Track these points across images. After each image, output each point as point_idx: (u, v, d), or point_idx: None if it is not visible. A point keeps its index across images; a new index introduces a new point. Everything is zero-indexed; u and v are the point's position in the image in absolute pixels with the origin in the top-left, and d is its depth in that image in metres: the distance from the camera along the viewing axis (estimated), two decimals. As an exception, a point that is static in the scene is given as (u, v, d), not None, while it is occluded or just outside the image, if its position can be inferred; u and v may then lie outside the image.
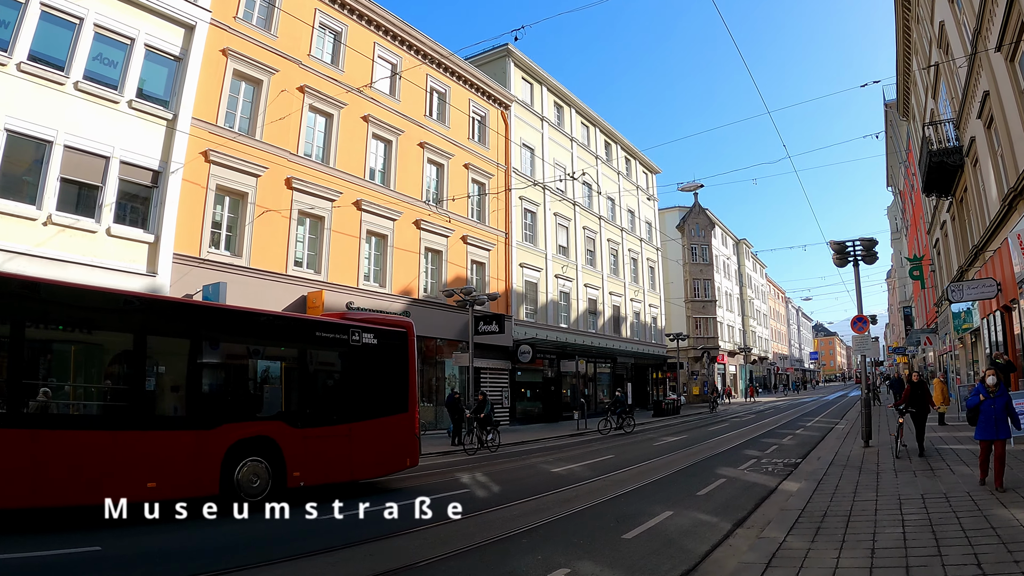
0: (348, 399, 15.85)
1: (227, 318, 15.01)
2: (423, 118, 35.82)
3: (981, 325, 26.82)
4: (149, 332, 12.76)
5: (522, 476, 17.83)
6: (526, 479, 17.11)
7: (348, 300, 29.02)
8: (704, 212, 79.60)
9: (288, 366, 15.35)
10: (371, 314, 20.99)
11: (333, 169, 30.06)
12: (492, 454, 24.18)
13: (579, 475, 17.12)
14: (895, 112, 49.32)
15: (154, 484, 11.81)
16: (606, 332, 52.37)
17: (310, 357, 15.60)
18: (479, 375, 36.58)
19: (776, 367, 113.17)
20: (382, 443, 16.27)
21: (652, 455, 21.46)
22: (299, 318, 16.34)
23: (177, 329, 13.49)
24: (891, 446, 17.01)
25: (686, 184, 30.72)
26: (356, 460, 15.44)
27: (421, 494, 12.13)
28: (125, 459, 11.76)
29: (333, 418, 15.40)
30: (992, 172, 22.02)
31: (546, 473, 18.19)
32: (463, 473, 18.45)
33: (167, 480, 12.05)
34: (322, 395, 15.83)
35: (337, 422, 15.35)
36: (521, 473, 18.51)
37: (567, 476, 17.33)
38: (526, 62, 45.33)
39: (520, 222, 42.75)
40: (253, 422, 13.96)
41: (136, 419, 12.16)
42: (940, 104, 29.83)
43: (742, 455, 20.43)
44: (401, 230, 33.22)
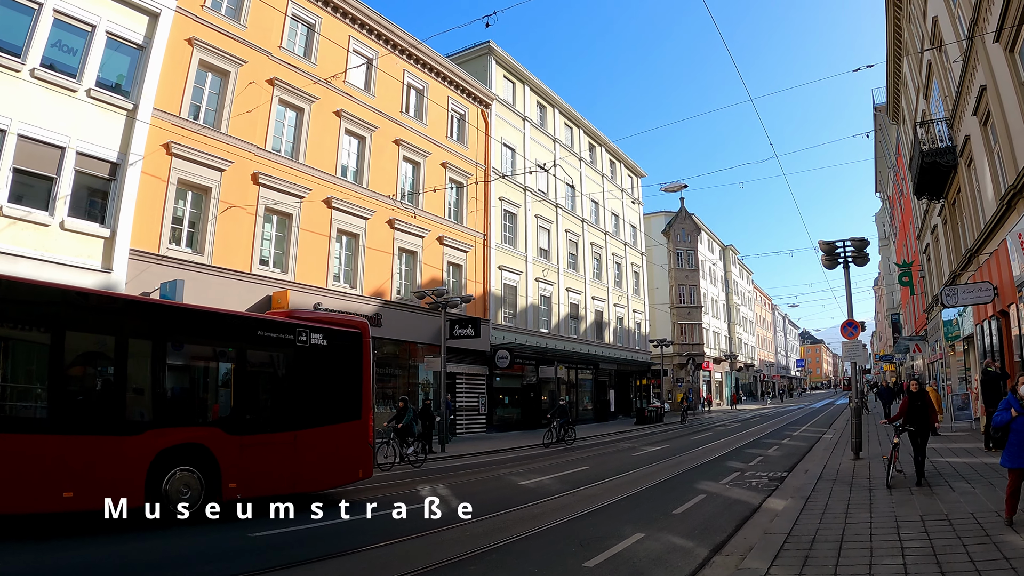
0: (293, 404, 14.58)
1: (154, 313, 13.60)
2: (399, 115, 34.66)
3: (975, 331, 25.70)
4: (64, 327, 11.48)
5: (487, 489, 16.59)
6: (490, 493, 15.86)
7: (316, 301, 27.92)
8: (690, 217, 78.53)
9: (225, 368, 14.07)
10: (323, 313, 19.70)
11: (303, 165, 28.92)
12: (451, 464, 22.87)
13: (548, 489, 15.88)
14: (884, 116, 48.46)
15: (70, 494, 10.70)
16: (588, 338, 51.18)
17: (250, 358, 14.33)
18: (455, 381, 35.46)
19: (762, 374, 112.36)
20: (331, 453, 15.00)
21: (629, 467, 20.22)
22: (238, 315, 14.99)
23: (96, 324, 12.25)
24: (884, 471, 14.60)
25: (670, 184, 29.38)
26: (302, 471, 14.12)
27: (363, 509, 11.70)
28: (34, 466, 10.57)
29: (276, 425, 14.15)
30: (988, 171, 21.01)
31: (513, 486, 16.96)
32: (425, 485, 17.23)
33: (85, 490, 10.85)
34: (264, 400, 14.58)
35: (280, 429, 14.09)
36: (487, 486, 17.28)
37: (535, 490, 16.10)
38: (508, 60, 44.17)
39: (500, 223, 41.53)
40: (184, 428, 12.73)
41: (48, 422, 10.96)
42: (932, 104, 28.89)
43: (724, 467, 19.21)
44: (374, 229, 32.04)
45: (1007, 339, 20.78)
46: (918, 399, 14.58)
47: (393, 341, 32.59)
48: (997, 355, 21.12)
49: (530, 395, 42.62)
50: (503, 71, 44.35)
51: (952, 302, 21.68)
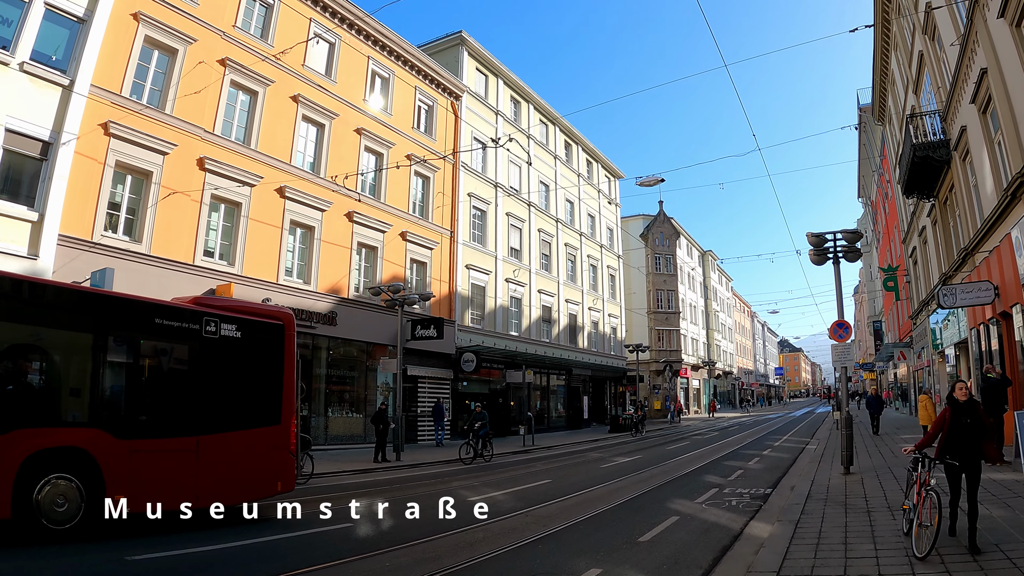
0: (198, 405, 12.52)
1: (22, 292, 11.29)
2: (362, 103, 32.89)
3: (968, 336, 24.02)
4: None
5: (429, 505, 14.55)
6: (431, 510, 13.83)
7: (265, 296, 25.94)
8: (669, 221, 76.97)
9: (113, 360, 11.81)
10: (238, 301, 17.41)
11: (254, 151, 27.20)
12: (404, 475, 20.86)
13: (499, 507, 13.86)
14: (869, 118, 47.08)
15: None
16: (561, 342, 49.32)
17: (145, 349, 12.21)
18: (416, 385, 33.56)
19: (741, 382, 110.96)
20: (243, 462, 12.91)
21: (596, 481, 18.22)
22: (130, 299, 12.63)
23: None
24: (901, 522, 9.78)
25: (646, 178, 27.55)
26: (205, 482, 12.02)
27: (282, 528, 11.05)
28: None
29: (175, 428, 12.07)
30: (987, 162, 19.43)
31: (460, 503, 14.94)
32: (362, 499, 15.20)
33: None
34: (161, 399, 12.43)
35: (181, 434, 12.03)
36: (431, 501, 15.24)
37: (483, 508, 14.13)
38: (481, 52, 42.35)
39: (468, 220, 39.62)
40: (60, 429, 10.71)
41: None
42: (923, 99, 27.46)
43: (701, 482, 17.21)
44: (331, 222, 30.21)
45: (1008, 343, 19.12)
46: (967, 413, 8.92)
47: (350, 341, 30.77)
48: (996, 361, 19.48)
49: (498, 401, 40.61)
50: (475, 63, 42.54)
51: (949, 303, 19.91)
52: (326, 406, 29.66)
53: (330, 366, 30.20)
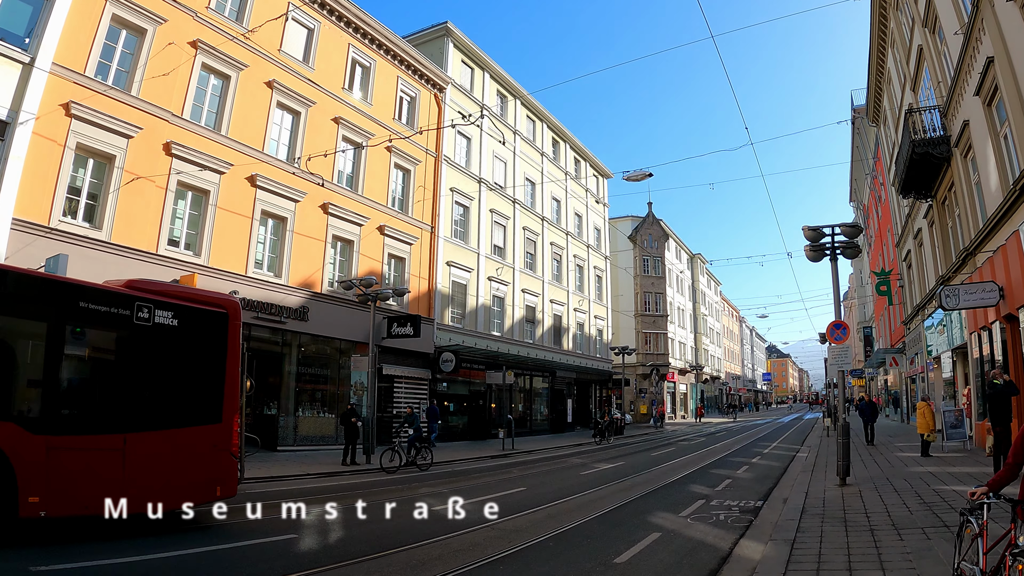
0: (127, 399, 11.19)
1: None
2: (340, 91, 31.75)
3: (968, 341, 22.90)
4: None
5: (385, 517, 13.32)
6: (385, 522, 12.56)
7: (232, 288, 24.64)
8: (658, 223, 75.89)
9: (31, 346, 10.51)
10: (178, 287, 15.91)
11: (225, 137, 26.06)
12: (371, 479, 19.58)
13: (462, 520, 12.53)
14: (863, 120, 46.21)
15: None
16: (545, 343, 48.09)
17: (69, 336, 10.77)
18: (392, 385, 32.32)
19: (728, 387, 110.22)
20: (178, 463, 11.57)
21: (573, 489, 16.91)
22: (49, 279, 11.19)
23: None
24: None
25: (633, 172, 26.41)
26: (134, 485, 10.62)
27: (214, 539, 10.17)
28: None
29: (100, 424, 10.73)
30: (992, 157, 18.36)
31: (422, 513, 13.74)
32: (316, 505, 13.97)
33: None
34: (84, 391, 11.12)
35: (106, 430, 10.68)
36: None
37: (446, 519, 12.88)
38: (467, 44, 41.15)
39: (450, 216, 38.38)
40: (-38, 422, 9.35)
41: None
42: (921, 96, 26.51)
43: (686, 493, 15.97)
44: (305, 213, 29.03)
45: (1014, 347, 17.98)
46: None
47: (323, 338, 29.55)
48: (1000, 366, 18.33)
49: (479, 403, 39.38)
50: (461, 55, 41.37)
51: (952, 304, 18.74)
52: (296, 405, 28.40)
53: (301, 364, 28.96)
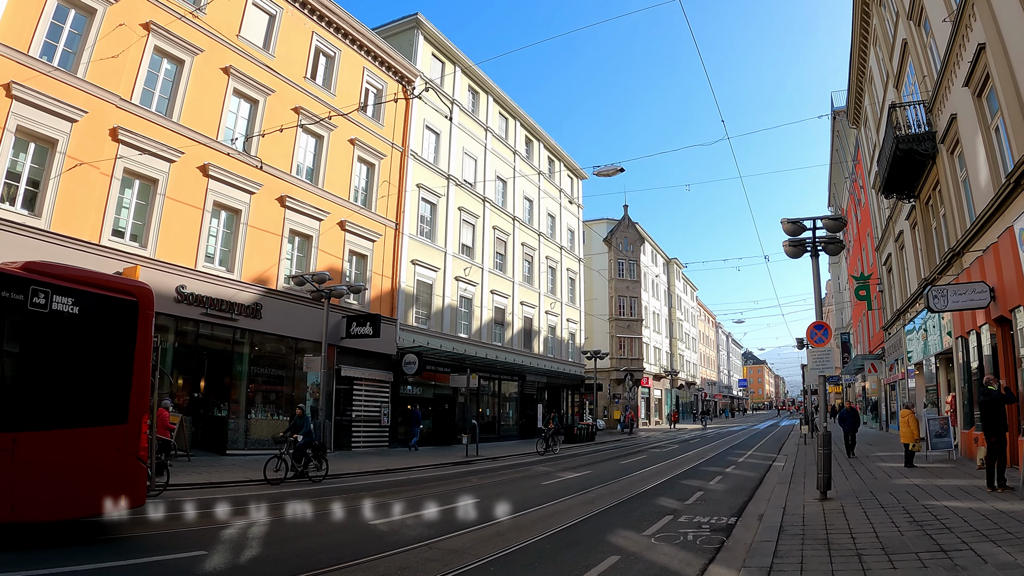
0: (16, 394, 9.84)
1: None
2: (303, 80, 30.38)
3: (954, 345, 21.78)
4: None
5: (313, 532, 11.92)
6: (310, 538, 11.19)
7: (179, 283, 23.86)
8: (634, 226, 74.77)
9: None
10: (86, 272, 14.32)
11: (176, 124, 24.69)
12: (314, 488, 18.16)
13: (400, 536, 11.26)
14: (844, 122, 45.40)
15: None
16: (515, 346, 46.71)
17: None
18: (352, 387, 30.94)
19: (704, 393, 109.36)
20: (77, 467, 10.14)
21: (532, 501, 15.56)
22: None
23: None
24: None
25: (604, 167, 25.22)
26: (25, 490, 9.37)
27: (113, 554, 9.14)
28: None
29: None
30: (982, 151, 17.41)
31: (360, 528, 12.36)
32: (240, 517, 12.65)
33: None
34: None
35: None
36: (319, 526, 12.64)
37: (383, 534, 11.55)
38: (438, 37, 39.78)
39: (416, 212, 36.96)
40: None
41: None
42: (905, 93, 25.70)
43: (653, 507, 14.59)
44: (260, 206, 27.64)
45: (1005, 352, 16.86)
46: None
47: (277, 337, 28.15)
48: (989, 372, 17.21)
49: (444, 407, 37.96)
50: (432, 48, 39.99)
51: (940, 306, 17.56)
52: (248, 407, 26.99)
53: (254, 363, 27.49)
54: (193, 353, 25.38)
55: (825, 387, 15.96)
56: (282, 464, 18.94)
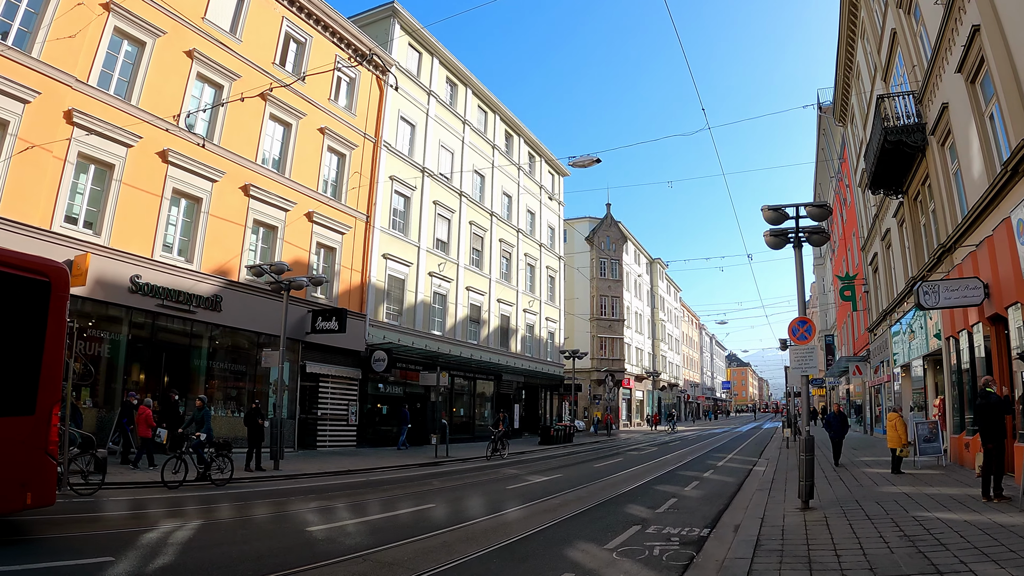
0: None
1: None
2: (271, 66, 29.26)
3: (945, 346, 20.75)
4: None
5: (239, 539, 10.69)
6: (237, 544, 10.08)
7: (135, 272, 22.76)
8: (616, 224, 73.69)
9: None
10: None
11: (135, 108, 23.52)
12: (265, 488, 16.93)
13: (334, 546, 10.12)
14: (830, 120, 44.60)
15: None
16: (491, 345, 45.53)
17: None
18: (318, 384, 29.78)
19: (687, 395, 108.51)
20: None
21: (492, 507, 14.43)
22: None
23: None
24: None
25: (580, 158, 24.14)
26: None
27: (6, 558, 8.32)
28: None
29: None
30: (976, 140, 16.42)
31: (293, 535, 11.20)
32: (168, 520, 11.49)
33: None
34: None
35: None
36: (250, 530, 11.49)
37: (317, 543, 10.41)
38: (415, 26, 38.54)
39: (388, 205, 35.80)
40: None
41: None
42: (893, 85, 24.84)
43: (621, 516, 13.44)
44: (223, 194, 26.55)
45: (999, 353, 15.85)
46: None
47: (238, 331, 26.95)
48: (981, 374, 16.22)
49: (416, 406, 36.69)
50: (408, 38, 38.78)
51: (931, 302, 16.49)
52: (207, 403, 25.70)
53: (213, 358, 26.30)
54: (148, 347, 24.14)
55: (808, 388, 14.70)
56: (182, 465, 17.08)
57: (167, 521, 11.70)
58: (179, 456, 17.20)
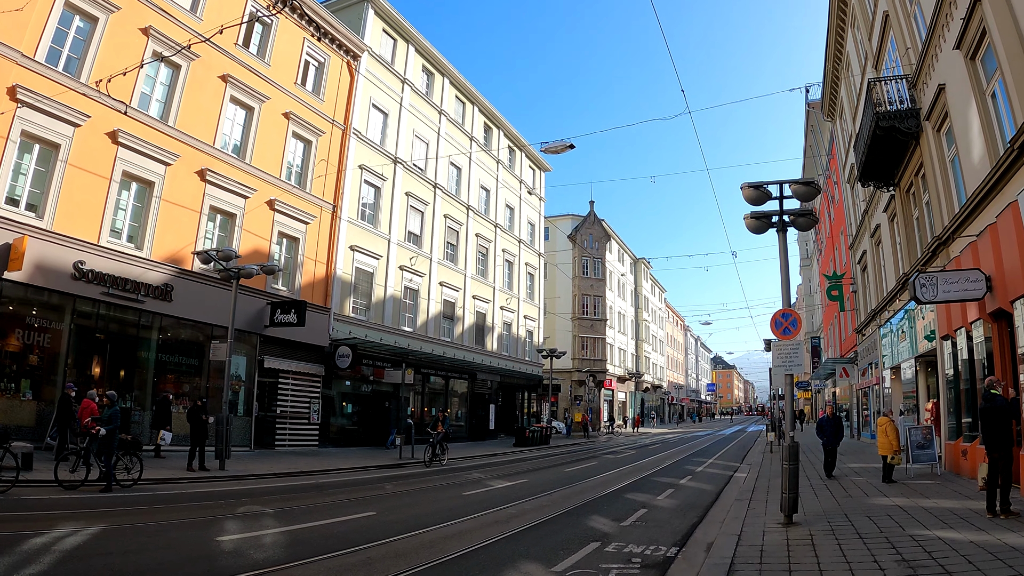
0: None
1: None
2: (233, 47, 27.85)
3: (940, 347, 19.37)
4: None
5: (130, 548, 9.23)
6: (122, 556, 8.64)
7: (78, 258, 21.32)
8: (600, 223, 72.37)
9: None
10: None
11: (84, 85, 22.16)
12: (197, 490, 15.38)
13: (238, 560, 8.66)
14: (818, 116, 43.51)
15: None
16: (465, 343, 44.01)
17: None
18: (277, 380, 28.35)
19: (671, 396, 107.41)
20: None
21: (437, 518, 12.81)
22: None
23: None
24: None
25: (552, 144, 22.82)
26: None
27: None
28: None
29: None
30: (977, 120, 15.05)
31: (192, 546, 9.70)
32: (60, 525, 10.05)
33: None
34: None
35: None
36: (156, 539, 10.02)
37: (220, 556, 9.00)
38: (389, 11, 37.21)
39: (357, 195, 34.33)
40: None
41: None
42: (885, 71, 23.47)
43: (580, 529, 11.92)
44: (177, 178, 25.16)
45: (1002, 352, 14.48)
46: None
47: (189, 322, 25.61)
48: (989, 374, 14.83)
49: (384, 404, 35.16)
50: (382, 23, 37.40)
51: (929, 295, 15.06)
52: (155, 399, 24.17)
53: (163, 351, 24.82)
54: (94, 337, 22.67)
55: (793, 389, 13.10)
56: (82, 464, 15.36)
57: (59, 525, 10.28)
58: (79, 454, 15.46)
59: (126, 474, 15.95)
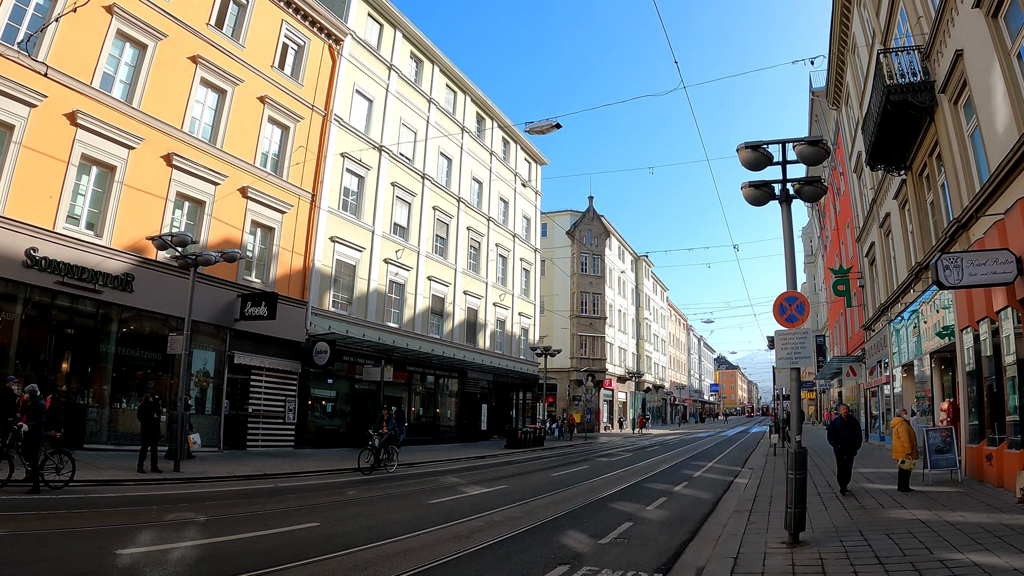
0: None
1: None
2: (204, 27, 26.52)
3: (960, 340, 17.70)
4: None
5: (16, 559, 7.80)
6: (6, 567, 7.15)
7: (31, 245, 20.00)
8: (599, 219, 70.69)
9: None
10: None
11: (42, 64, 20.93)
12: (142, 493, 13.78)
13: (163, 570, 7.16)
14: (823, 104, 42.18)
15: None
16: (455, 340, 42.41)
17: None
18: (249, 377, 26.88)
19: (673, 397, 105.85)
20: None
21: (392, 531, 11.22)
22: None
23: None
24: None
25: (537, 123, 21.32)
26: None
27: None
28: None
29: None
30: (1001, 86, 13.48)
31: (88, 559, 8.17)
32: None
33: None
34: None
35: None
36: (38, 549, 8.47)
37: (114, 572, 7.47)
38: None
39: (338, 184, 32.83)
40: None
41: None
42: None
43: (550, 549, 10.21)
44: (141, 163, 23.74)
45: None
46: None
47: (151, 314, 24.11)
48: (1012, 372, 13.27)
49: (366, 404, 33.53)
50: (368, 7, 35.86)
51: (953, 279, 13.29)
52: (113, 395, 22.83)
53: (123, 344, 23.36)
54: (47, 329, 21.16)
55: (799, 387, 11.23)
56: (5, 463, 13.99)
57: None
58: (3, 452, 13.98)
59: (56, 474, 14.45)
